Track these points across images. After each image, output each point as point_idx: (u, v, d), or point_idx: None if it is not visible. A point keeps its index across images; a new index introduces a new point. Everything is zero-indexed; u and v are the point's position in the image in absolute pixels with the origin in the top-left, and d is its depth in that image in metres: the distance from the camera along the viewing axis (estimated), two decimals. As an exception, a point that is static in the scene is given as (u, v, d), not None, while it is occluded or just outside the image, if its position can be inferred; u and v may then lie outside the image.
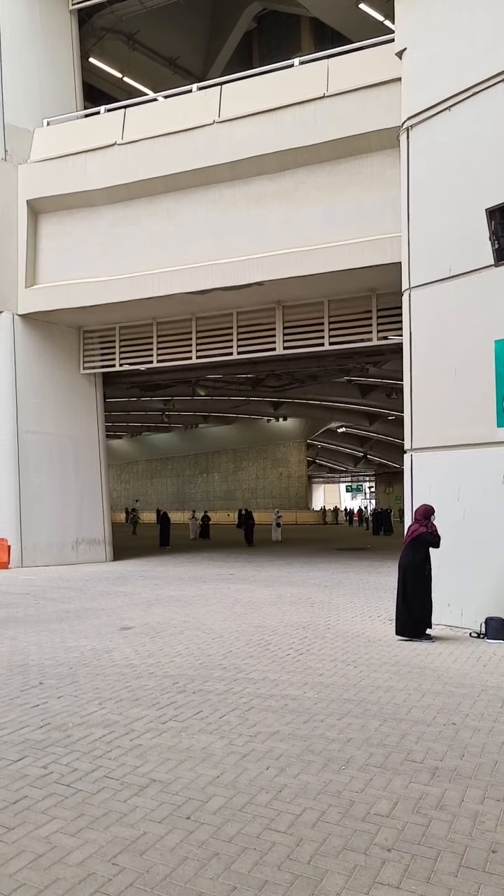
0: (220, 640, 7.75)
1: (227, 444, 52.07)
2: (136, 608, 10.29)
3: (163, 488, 58.22)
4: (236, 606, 10.35)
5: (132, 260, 15.17)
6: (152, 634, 8.17)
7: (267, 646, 7.46)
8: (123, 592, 12.15)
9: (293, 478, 50.06)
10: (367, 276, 13.44)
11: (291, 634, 8.09)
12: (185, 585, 13.06)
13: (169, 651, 7.24)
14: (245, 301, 15.54)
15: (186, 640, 7.78)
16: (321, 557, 19.25)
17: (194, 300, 15.28)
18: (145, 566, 17.36)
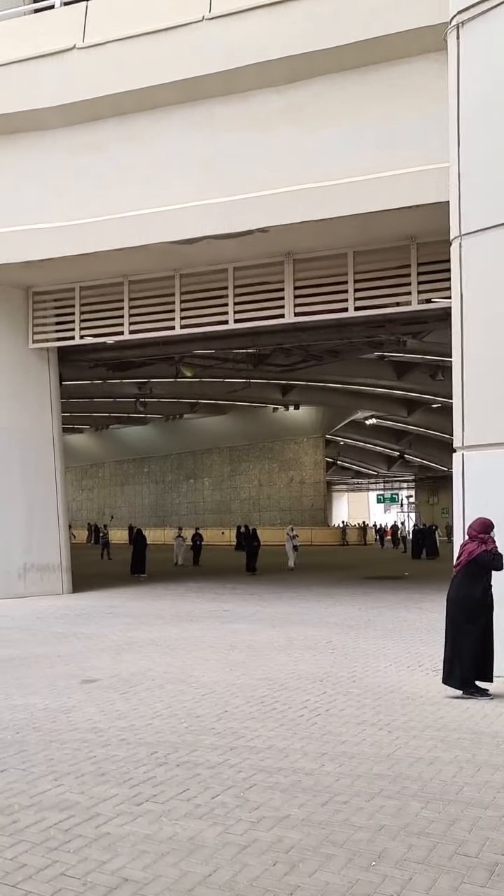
0: (213, 697, 7.76)
1: (222, 439, 52.20)
2: (102, 655, 10.31)
3: (137, 498, 58.42)
4: (233, 653, 10.37)
5: (96, 200, 15.18)
6: (123, 689, 8.18)
7: (273, 704, 7.47)
8: (86, 634, 12.18)
9: (307, 484, 50.18)
10: (404, 221, 13.43)
11: (305, 689, 8.10)
12: (167, 625, 13.09)
13: (145, 711, 7.25)
14: (244, 253, 15.56)
15: (168, 697, 7.79)
16: (344, 588, 19.30)
17: (178, 252, 15.30)
18: (114, 600, 17.39)
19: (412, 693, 7.90)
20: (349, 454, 70.18)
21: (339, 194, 13.10)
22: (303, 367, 32.73)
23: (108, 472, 60.55)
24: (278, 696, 7.84)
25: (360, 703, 7.53)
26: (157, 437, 54.67)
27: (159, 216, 14.52)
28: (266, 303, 16.13)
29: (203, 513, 54.11)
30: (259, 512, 51.56)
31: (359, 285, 15.11)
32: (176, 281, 16.66)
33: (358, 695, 7.87)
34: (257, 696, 7.84)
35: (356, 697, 7.76)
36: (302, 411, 47.08)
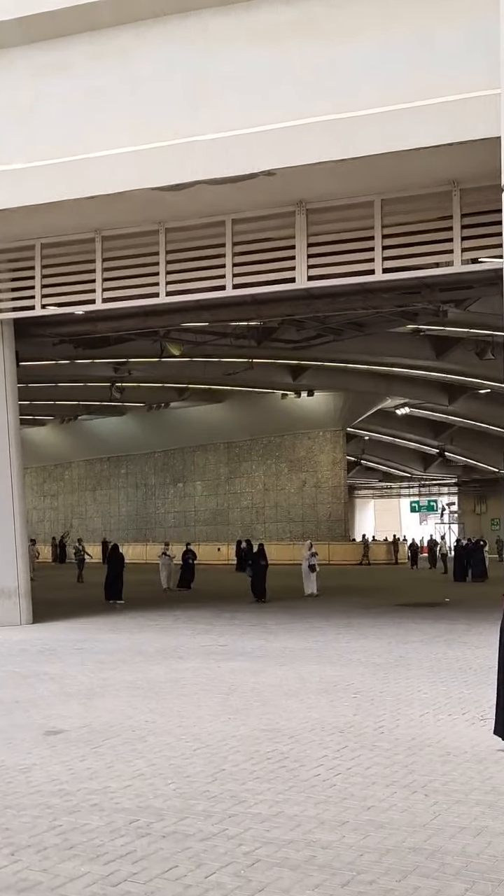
0: (206, 753, 7.76)
1: (218, 433, 52.22)
2: (69, 701, 10.30)
3: (112, 506, 58.52)
4: (233, 698, 10.36)
5: (62, 134, 15.17)
6: (96, 743, 8.19)
7: (282, 761, 7.47)
8: (50, 675, 12.17)
9: (324, 489, 50.19)
10: (444, 161, 13.40)
11: (322, 743, 8.10)
12: (150, 664, 13.08)
13: (123, 770, 7.24)
14: (246, 202, 15.55)
15: (151, 753, 7.79)
16: (370, 618, 19.31)
17: (164, 201, 15.30)
18: (85, 632, 17.39)
19: (454, 747, 7.89)
20: (376, 451, 70.18)
21: (363, 128, 13.08)
22: (318, 343, 32.69)
23: (77, 473, 60.59)
24: (288, 751, 7.83)
25: (389, 759, 7.52)
26: (138, 431, 54.66)
27: (139, 156, 14.51)
28: (273, 264, 16.11)
29: (194, 524, 54.15)
30: (264, 523, 51.56)
31: (388, 242, 15.08)
32: (160, 237, 16.66)
33: (387, 749, 7.85)
34: (262, 751, 7.83)
35: (385, 753, 7.74)
36: (317, 398, 47.04)
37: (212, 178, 14.23)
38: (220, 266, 16.40)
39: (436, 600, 23.93)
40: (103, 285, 17.24)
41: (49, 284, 17.77)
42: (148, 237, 16.85)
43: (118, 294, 17.36)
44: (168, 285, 16.77)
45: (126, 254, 17.16)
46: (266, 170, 13.88)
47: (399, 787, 6.71)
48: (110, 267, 17.19)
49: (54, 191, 15.20)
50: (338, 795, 6.50)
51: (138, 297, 17.48)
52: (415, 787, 6.72)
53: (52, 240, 17.45)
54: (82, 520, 59.45)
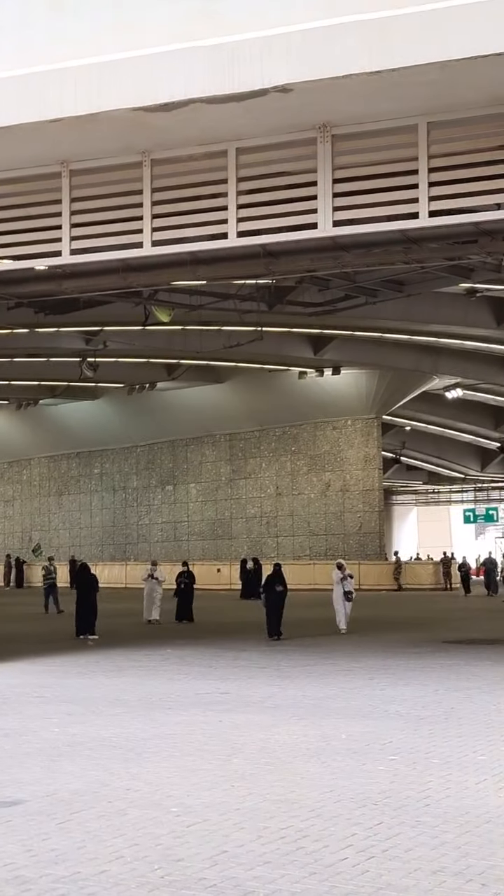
0: (203, 830, 7.79)
1: (217, 422, 52.30)
2: (28, 763, 10.32)
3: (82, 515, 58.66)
4: (236, 760, 10.38)
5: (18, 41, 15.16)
6: (63, 817, 8.21)
7: (300, 841, 7.49)
8: (2, 730, 12.20)
9: (354, 493, 50.23)
10: None
11: (350, 818, 8.12)
12: (131, 717, 13.10)
13: (97, 851, 7.26)
14: (254, 127, 15.52)
15: (133, 829, 7.82)
16: (412, 659, 19.35)
17: (148, 125, 15.27)
18: (47, 676, 17.45)
19: (520, 824, 7.91)
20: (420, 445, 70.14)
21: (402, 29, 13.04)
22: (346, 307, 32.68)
23: (38, 473, 60.76)
24: (307, 827, 7.83)
25: (436, 839, 7.52)
26: (115, 419, 54.74)
27: (118, 66, 14.49)
28: (288, 205, 16.07)
29: (188, 538, 54.27)
30: (276, 537, 51.66)
31: (436, 177, 15.03)
32: (145, 171, 16.63)
33: (434, 826, 7.85)
34: (273, 827, 7.84)
35: (431, 830, 7.75)
36: (344, 378, 47.04)
37: (211, 94, 14.20)
38: (221, 208, 16.35)
39: (496, 637, 23.94)
40: (71, 233, 17.20)
41: (2, 232, 17.75)
42: (129, 171, 16.81)
43: (91, 244, 17.33)
44: (154, 233, 16.74)
45: (101, 192, 17.12)
46: (280, 84, 13.84)
47: (449, 874, 6.71)
48: (81, 210, 17.15)
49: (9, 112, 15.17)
50: (371, 885, 6.49)
51: (116, 248, 17.45)
52: (469, 874, 6.71)
53: (7, 174, 17.41)
54: (44, 532, 59.64)
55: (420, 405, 54.85)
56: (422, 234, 19.11)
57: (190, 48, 14.17)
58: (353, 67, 13.44)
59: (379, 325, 37.80)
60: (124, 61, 14.51)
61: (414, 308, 34.27)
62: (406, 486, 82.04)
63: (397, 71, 13.27)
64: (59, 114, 14.91)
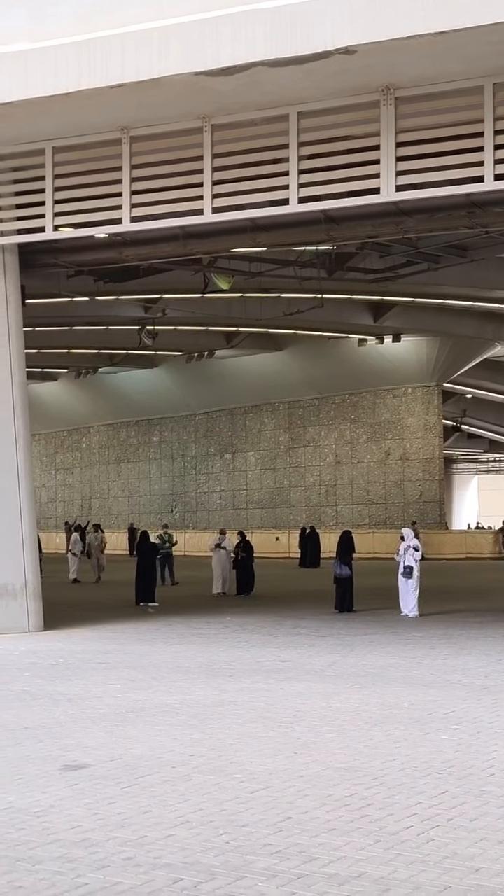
0: (267, 796, 7.85)
1: (276, 391, 52.19)
2: (93, 728, 10.45)
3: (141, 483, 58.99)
4: (298, 727, 10.42)
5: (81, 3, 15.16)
6: (127, 782, 8.32)
7: (363, 808, 7.52)
8: (67, 695, 12.36)
9: (414, 462, 50.00)
10: None
11: (414, 786, 8.13)
12: (192, 683, 13.22)
13: (162, 815, 7.35)
14: (316, 90, 15.40)
15: (197, 795, 7.91)
16: (474, 628, 19.27)
17: (208, 90, 15.23)
18: (109, 642, 17.62)
19: None
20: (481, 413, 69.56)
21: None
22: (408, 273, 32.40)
23: (97, 441, 61.13)
24: (371, 795, 7.86)
25: (502, 808, 7.52)
26: (174, 387, 54.87)
27: (179, 30, 14.45)
28: (350, 169, 15.95)
29: (246, 507, 54.37)
30: (335, 506, 51.61)
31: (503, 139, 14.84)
32: (205, 137, 16.58)
33: (499, 796, 7.85)
34: (337, 795, 7.87)
35: (496, 800, 7.74)
36: (405, 345, 46.74)
37: (273, 58, 14.11)
38: (282, 174, 16.28)
39: None
40: (132, 200, 17.23)
41: (63, 200, 17.81)
42: (189, 137, 16.78)
43: (151, 211, 17.35)
44: (215, 199, 16.70)
45: (161, 159, 17.12)
46: (344, 46, 13.72)
47: (515, 844, 6.71)
48: (141, 176, 17.16)
49: (69, 78, 15.20)
50: (436, 854, 6.51)
51: (177, 215, 17.44)
52: (536, 844, 6.71)
53: (67, 142, 17.48)
54: (103, 500, 60.09)
55: (481, 373, 54.32)
56: (486, 198, 18.85)
57: (251, 10, 14.09)
58: (417, 28, 13.29)
59: (441, 292, 37.45)
60: (185, 25, 14.47)
61: (477, 274, 33.90)
62: (466, 454, 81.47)
63: (463, 31, 13.10)
64: (120, 79, 14.92)
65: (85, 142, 17.42)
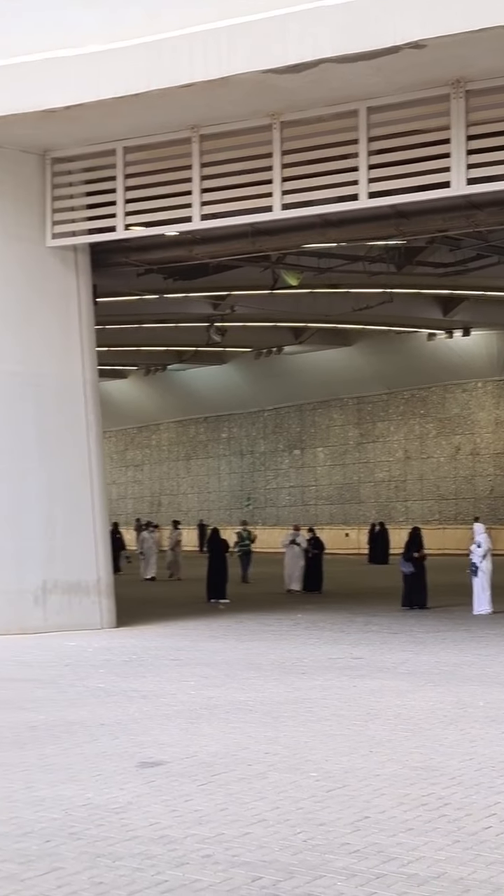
0: (343, 795, 7.87)
1: (345, 386, 52.00)
2: (168, 725, 10.55)
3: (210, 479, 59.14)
4: (373, 725, 10.43)
5: (149, 5, 15.27)
6: (203, 779, 8.39)
7: (441, 808, 7.51)
8: (141, 692, 12.49)
9: (485, 457, 49.55)
10: None
11: (492, 786, 8.10)
12: (265, 680, 13.27)
13: (239, 813, 7.41)
14: (385, 85, 15.36)
15: (273, 793, 7.94)
16: (548, 626, 19.08)
17: (277, 87, 15.25)
18: (181, 639, 17.76)
19: None
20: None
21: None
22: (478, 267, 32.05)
23: (166, 438, 61.41)
24: (449, 795, 7.85)
25: None
26: (243, 384, 54.94)
27: (246, 29, 14.49)
28: (420, 164, 15.88)
29: (315, 503, 54.28)
30: (405, 501, 51.29)
31: None
32: (274, 134, 16.62)
33: None
34: (414, 794, 7.87)
35: None
36: (475, 339, 46.31)
37: (341, 54, 14.11)
38: (351, 169, 16.27)
39: None
40: (201, 198, 17.34)
41: (134, 199, 17.98)
42: (258, 134, 16.83)
43: (220, 209, 17.43)
44: (284, 196, 16.74)
45: (230, 157, 17.20)
46: (413, 41, 13.66)
47: None
48: (211, 175, 17.26)
49: (139, 79, 15.34)
50: (517, 855, 6.49)
51: (246, 213, 17.49)
52: None
53: (138, 142, 17.63)
54: (173, 496, 60.33)
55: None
56: None
57: (319, 7, 14.11)
58: (488, 21, 13.19)
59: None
60: (253, 24, 14.52)
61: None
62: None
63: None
64: (190, 79, 15.02)
65: (155, 141, 17.57)
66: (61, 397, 19.23)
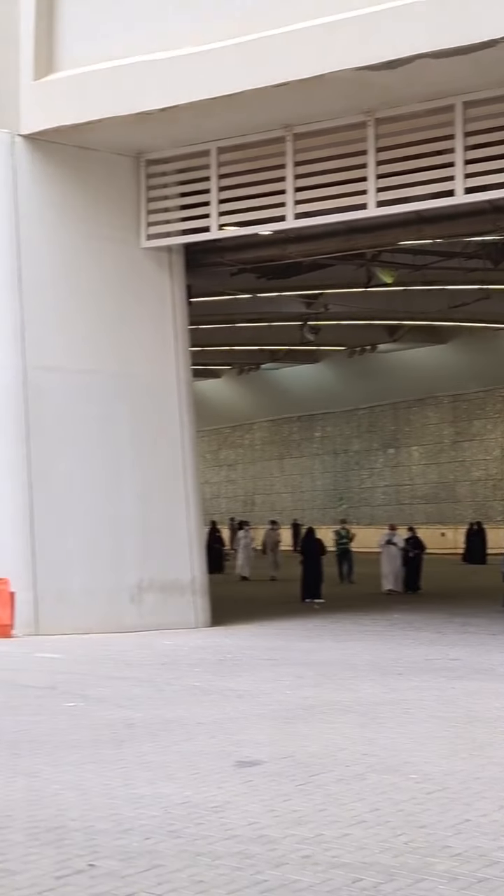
0: (444, 798, 7.81)
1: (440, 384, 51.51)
2: (264, 724, 10.58)
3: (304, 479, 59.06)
4: (473, 728, 10.36)
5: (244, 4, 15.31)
6: (301, 779, 8.39)
7: (545, 813, 7.44)
8: (237, 691, 12.54)
9: None
10: None
11: None
12: (361, 681, 13.24)
13: (338, 814, 7.39)
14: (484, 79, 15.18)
15: (373, 794, 7.91)
16: None
17: (372, 84, 15.19)
18: (276, 639, 17.80)
19: None
20: None
21: None
22: None
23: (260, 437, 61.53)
24: (552, 800, 7.77)
25: None
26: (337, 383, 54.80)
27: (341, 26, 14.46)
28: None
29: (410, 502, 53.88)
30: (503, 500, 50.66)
31: None
32: (369, 130, 16.56)
33: None
34: (518, 798, 7.80)
35: None
36: None
37: (438, 48, 14.00)
38: (447, 165, 16.13)
39: None
40: (295, 197, 17.34)
41: (228, 199, 18.05)
42: (353, 132, 16.78)
43: (315, 207, 17.41)
44: (379, 193, 16.66)
45: (324, 155, 17.17)
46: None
47: None
48: (304, 173, 17.25)
49: (233, 79, 15.40)
50: None
51: (341, 211, 17.44)
52: None
53: (232, 142, 17.70)
54: (266, 496, 60.42)
55: None
56: None
57: (414, 2, 14.02)
58: None
59: None
60: (348, 21, 14.49)
61: None
62: None
63: None
64: (284, 78, 15.03)
65: (249, 141, 17.62)
66: (156, 397, 19.40)
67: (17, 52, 17.39)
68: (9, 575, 17.58)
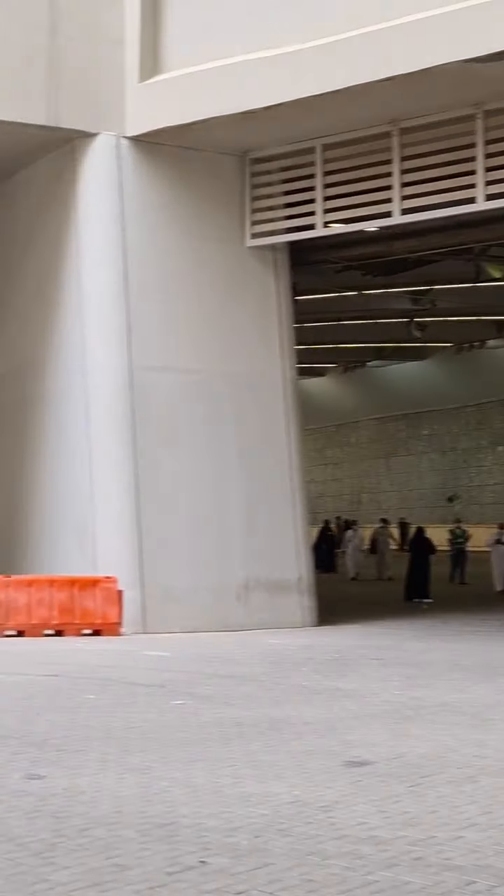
0: None
1: (551, 381, 50.78)
2: (373, 724, 10.53)
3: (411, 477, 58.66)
4: None
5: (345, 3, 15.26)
6: (412, 780, 8.32)
7: None
8: (345, 691, 12.50)
9: None
10: None
11: None
12: (471, 682, 13.13)
13: (450, 817, 7.32)
14: None
15: (485, 797, 7.82)
16: None
17: (479, 76, 15.03)
18: (383, 638, 17.72)
19: None
20: None
21: None
22: None
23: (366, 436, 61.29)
24: None
25: None
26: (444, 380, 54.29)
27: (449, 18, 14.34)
28: None
29: (524, 498, 53.21)
30: None
31: None
32: (478, 124, 16.38)
33: None
34: None
35: None
36: None
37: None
38: None
39: None
40: (402, 192, 17.24)
41: (333, 196, 18.02)
42: (460, 125, 16.62)
43: (422, 203, 17.28)
44: (488, 186, 16.47)
45: (430, 150, 17.03)
46: None
47: None
48: (411, 168, 17.15)
49: (338, 75, 15.37)
50: None
51: (449, 205, 17.28)
52: None
53: (337, 139, 17.68)
54: (373, 494, 60.16)
55: None
56: None
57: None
58: None
59: None
60: (454, 13, 14.37)
61: None
62: None
63: None
64: (390, 72, 14.96)
65: (354, 137, 17.57)
66: (261, 396, 19.46)
67: (122, 55, 17.63)
68: (117, 573, 17.81)
